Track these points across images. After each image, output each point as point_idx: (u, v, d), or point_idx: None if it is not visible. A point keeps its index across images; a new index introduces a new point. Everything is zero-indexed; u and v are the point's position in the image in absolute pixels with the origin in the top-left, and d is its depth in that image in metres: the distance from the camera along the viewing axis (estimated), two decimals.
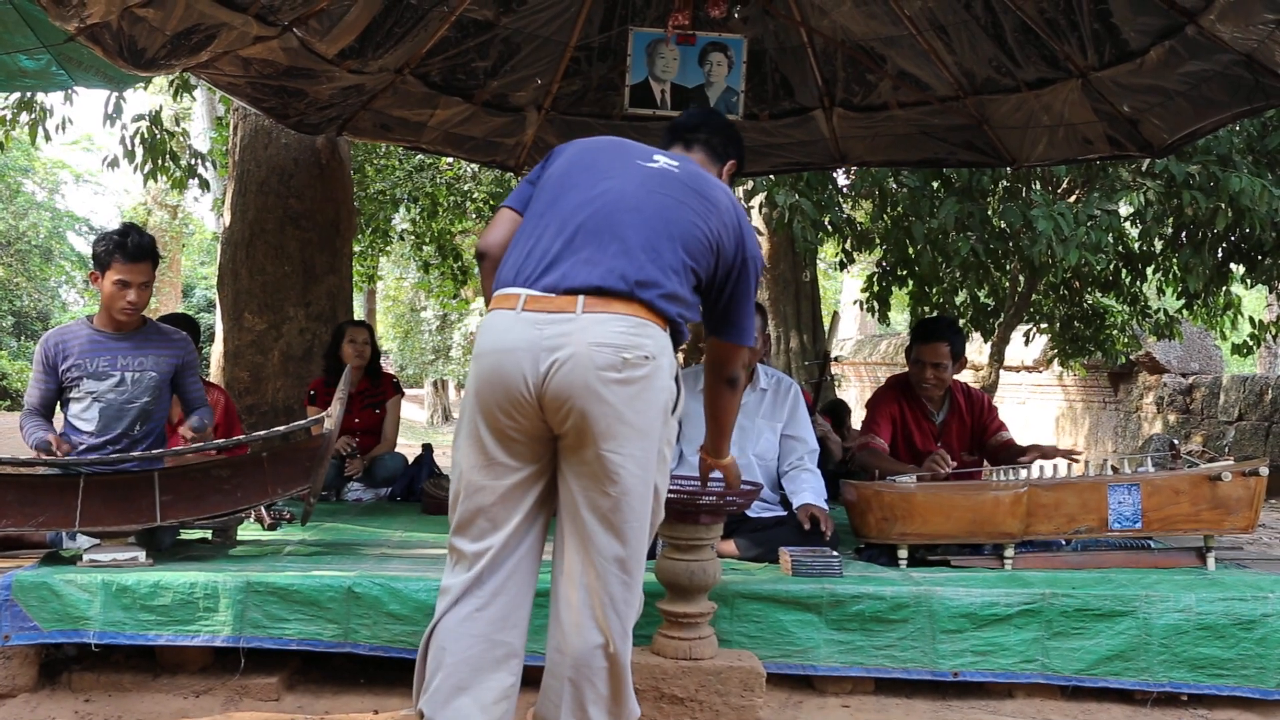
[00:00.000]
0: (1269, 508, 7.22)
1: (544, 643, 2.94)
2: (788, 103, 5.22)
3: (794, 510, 3.67)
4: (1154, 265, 7.57)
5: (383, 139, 5.73)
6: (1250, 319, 8.15)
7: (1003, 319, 7.77)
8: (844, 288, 22.15)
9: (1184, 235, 7.22)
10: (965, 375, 9.75)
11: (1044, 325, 8.26)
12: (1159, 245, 7.45)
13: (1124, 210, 6.89)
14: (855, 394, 15.19)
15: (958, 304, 7.70)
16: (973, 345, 9.95)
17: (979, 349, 9.57)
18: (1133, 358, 10.03)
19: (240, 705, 2.90)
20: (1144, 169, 6.50)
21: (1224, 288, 7.61)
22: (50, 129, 7.65)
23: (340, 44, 4.31)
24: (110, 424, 3.54)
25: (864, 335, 17.50)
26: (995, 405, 4.25)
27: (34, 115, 7.54)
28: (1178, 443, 3.98)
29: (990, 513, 3.38)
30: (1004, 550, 3.44)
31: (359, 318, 8.09)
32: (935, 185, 6.96)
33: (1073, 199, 6.86)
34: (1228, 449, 8.97)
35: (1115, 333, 8.14)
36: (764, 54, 4.98)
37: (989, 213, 6.72)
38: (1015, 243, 6.72)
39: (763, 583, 3.11)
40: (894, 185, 7.21)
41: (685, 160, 2.43)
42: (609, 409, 2.10)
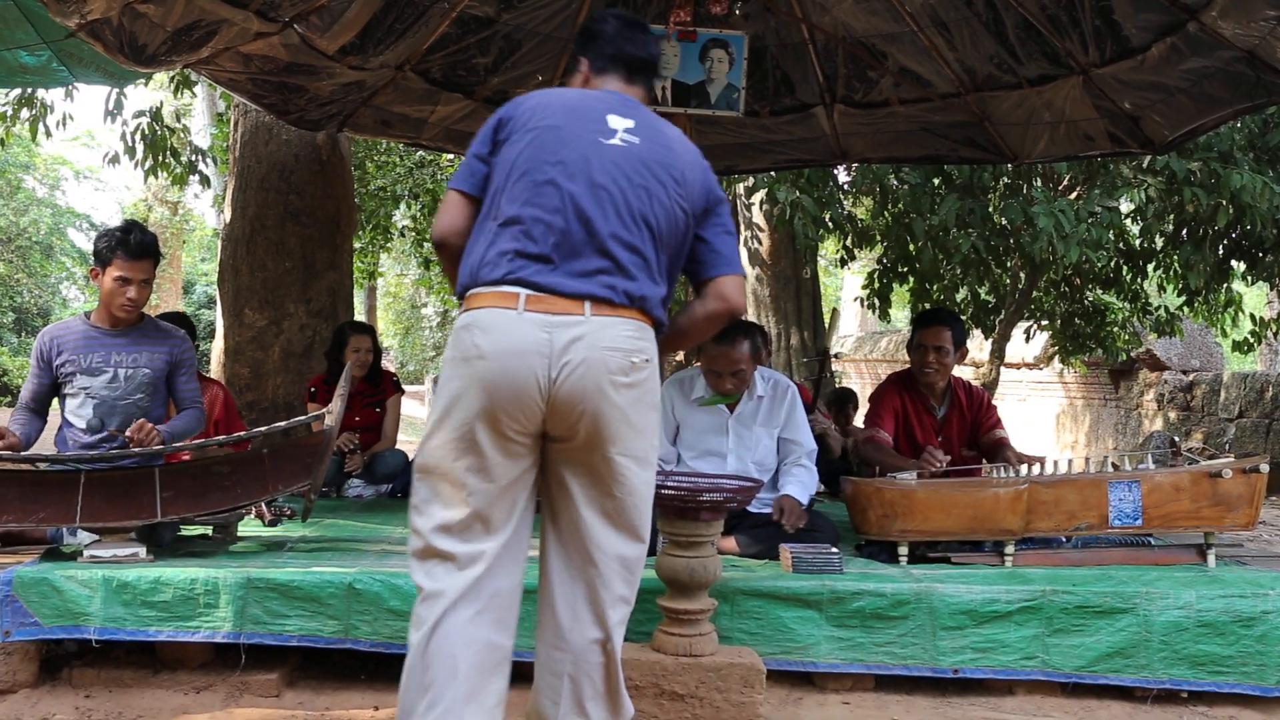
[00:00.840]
0: (1269, 505, 7.22)
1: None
2: (789, 99, 5.22)
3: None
4: (1155, 262, 7.57)
5: (383, 135, 5.73)
6: (1251, 316, 8.15)
7: (1003, 316, 7.77)
8: (845, 284, 22.17)
9: (1185, 232, 7.21)
10: (966, 372, 9.74)
11: (1045, 322, 8.26)
12: (1160, 242, 7.45)
13: (1125, 207, 6.89)
14: (856, 391, 15.19)
15: (958, 301, 7.70)
16: (973, 342, 9.94)
17: (980, 346, 9.57)
18: (1133, 355, 10.04)
19: (241, 701, 2.90)
20: (1145, 166, 6.50)
21: (1225, 285, 7.60)
22: (51, 125, 7.65)
23: (341, 40, 4.31)
24: (105, 421, 3.53)
25: (865, 332, 17.50)
26: (995, 404, 4.26)
27: (34, 111, 7.53)
28: (1178, 440, 3.98)
29: (991, 510, 3.38)
30: (1004, 547, 3.44)
31: (359, 315, 8.09)
32: (936, 182, 6.96)
33: (1074, 196, 6.86)
34: (1228, 446, 8.98)
35: (1116, 330, 8.14)
36: (765, 50, 4.98)
37: (990, 209, 6.72)
38: (1016, 239, 6.72)
39: (763, 579, 3.11)
40: (895, 182, 7.21)
41: (635, 110, 2.31)
42: (618, 412, 2.10)
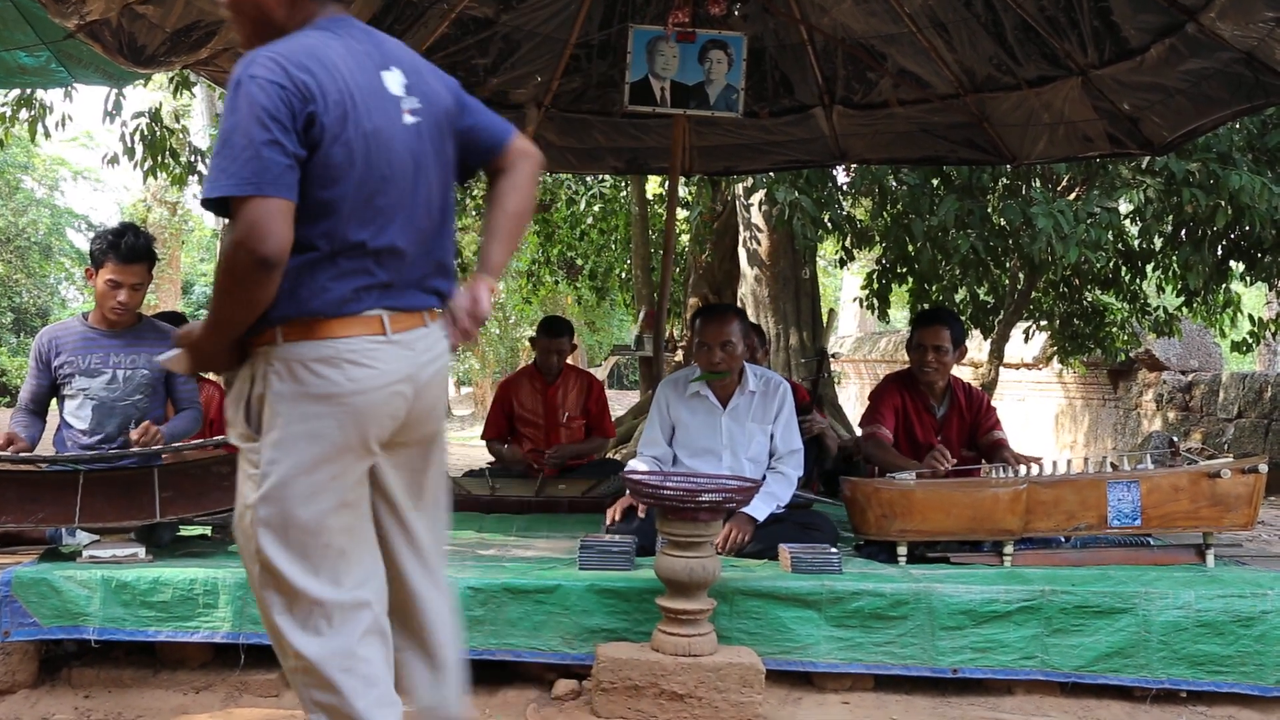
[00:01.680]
0: (1268, 505, 7.22)
1: (542, 639, 2.97)
2: (788, 100, 5.23)
3: (790, 507, 3.68)
4: (1154, 263, 7.57)
5: None
6: (1250, 316, 8.15)
7: (1002, 316, 7.77)
8: (844, 285, 22.17)
9: (1184, 233, 7.21)
10: (965, 372, 9.74)
11: (1044, 322, 8.26)
12: (1159, 243, 7.45)
13: (1124, 208, 6.89)
14: (855, 391, 15.20)
15: (957, 301, 7.70)
16: (972, 342, 9.94)
17: (979, 346, 9.57)
18: (1132, 355, 10.03)
19: (240, 701, 2.90)
20: (1144, 167, 6.50)
21: (1224, 285, 7.61)
22: (50, 126, 7.65)
23: None
24: (103, 421, 3.52)
25: (864, 333, 17.50)
26: (994, 406, 4.26)
27: (33, 112, 7.53)
28: (1177, 440, 3.99)
29: (990, 510, 3.38)
30: (1003, 547, 3.44)
31: None
32: (935, 183, 6.97)
33: (1073, 196, 6.86)
34: (1227, 446, 8.98)
35: (1115, 330, 8.14)
36: (764, 51, 4.98)
37: (989, 210, 6.72)
38: (1015, 240, 6.72)
39: (762, 579, 3.11)
40: (894, 183, 7.21)
41: (388, 52, 1.99)
42: (444, 407, 2.09)
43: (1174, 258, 7.33)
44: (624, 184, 11.28)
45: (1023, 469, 3.58)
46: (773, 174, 6.60)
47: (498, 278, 2.08)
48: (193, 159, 8.19)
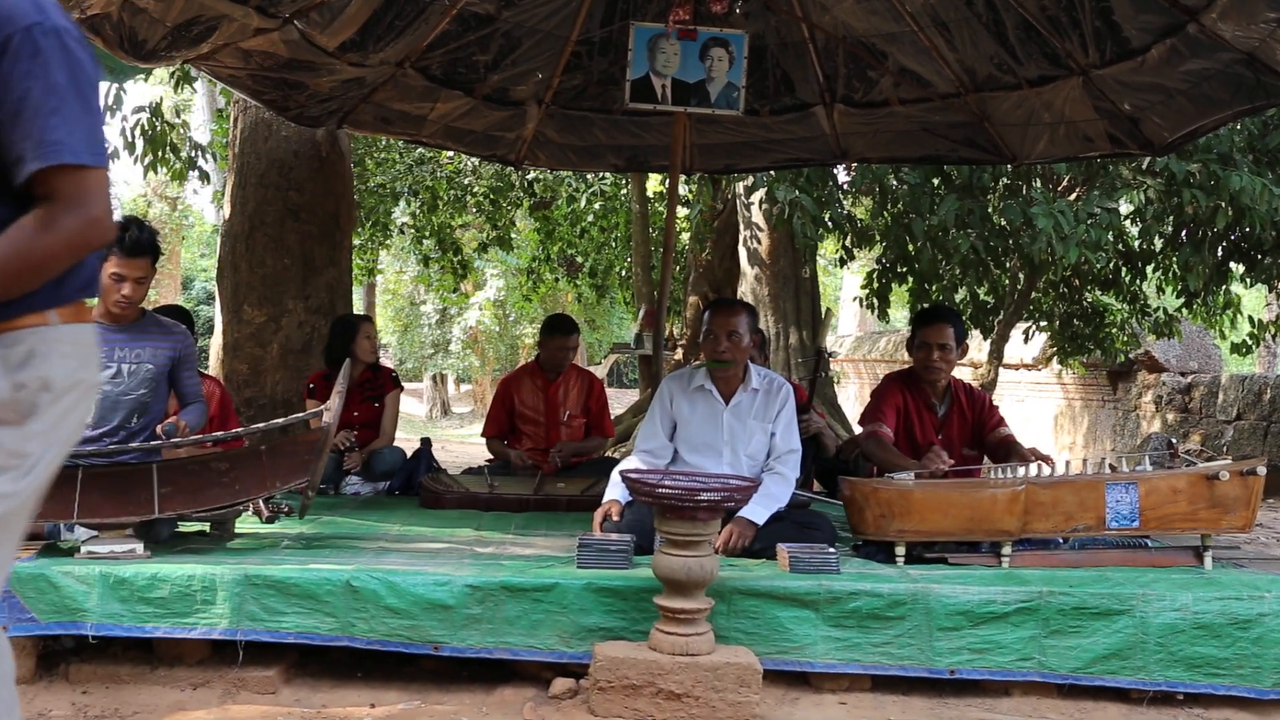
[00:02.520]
0: (1266, 507, 7.22)
1: (540, 637, 2.97)
2: (788, 99, 5.22)
3: (788, 506, 3.68)
4: (1154, 264, 7.57)
5: (383, 132, 5.73)
6: (1250, 318, 8.15)
7: (1002, 316, 7.77)
8: (844, 284, 22.17)
9: (1184, 234, 7.21)
10: (964, 373, 9.74)
11: (1043, 323, 8.26)
12: (1159, 243, 7.45)
13: (1124, 208, 6.89)
14: (855, 391, 15.19)
15: (957, 301, 7.69)
16: (972, 343, 9.94)
17: (978, 346, 9.57)
18: (1132, 356, 10.03)
19: (238, 698, 2.90)
20: (1144, 167, 6.50)
21: (1224, 286, 7.60)
22: None
23: (341, 37, 4.31)
24: (106, 416, 3.53)
25: (863, 332, 17.50)
26: (996, 404, 4.26)
27: None
28: (1176, 441, 3.98)
29: (988, 510, 3.38)
30: (1001, 548, 3.44)
31: (358, 311, 8.08)
32: (936, 182, 6.96)
33: (1073, 197, 6.86)
34: (1226, 448, 8.98)
35: (1115, 331, 8.14)
36: (765, 49, 4.98)
37: (989, 210, 6.72)
38: (1015, 240, 6.72)
39: (760, 579, 3.11)
40: (894, 182, 7.20)
41: None
42: None
43: (1174, 259, 7.32)
44: (624, 182, 11.28)
45: (1034, 468, 3.58)
46: (773, 172, 6.60)
47: None
48: (193, 154, 8.19)
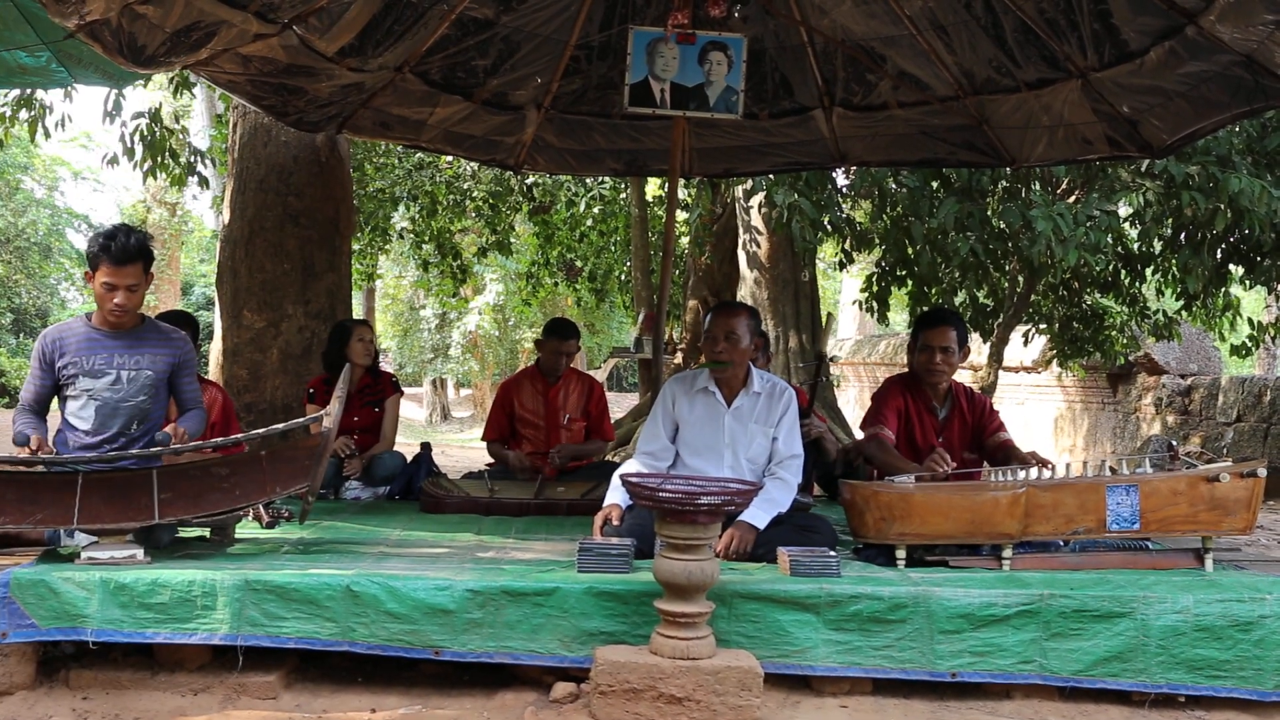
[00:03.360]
0: (1267, 509, 7.22)
1: (540, 641, 2.96)
2: (787, 102, 5.22)
3: (789, 511, 3.68)
4: (1153, 266, 7.57)
5: (382, 137, 5.73)
6: (1249, 320, 8.15)
7: (1002, 319, 7.77)
8: (843, 288, 22.16)
9: (1183, 236, 7.21)
10: (964, 376, 9.74)
11: (1043, 326, 8.26)
12: (1158, 246, 7.45)
13: (1123, 211, 6.89)
14: (854, 394, 15.19)
15: (957, 304, 7.69)
16: (972, 346, 9.95)
17: (978, 349, 9.57)
18: (1131, 359, 10.03)
19: (238, 703, 2.90)
20: (1143, 170, 6.50)
21: (1223, 289, 7.61)
22: (49, 126, 7.66)
23: (340, 42, 4.31)
24: (106, 422, 3.53)
25: (863, 335, 17.50)
26: (996, 409, 4.26)
27: (33, 112, 7.54)
28: (1176, 444, 3.98)
29: (989, 513, 3.38)
30: (1002, 551, 3.44)
31: (358, 316, 8.09)
32: (935, 185, 6.96)
33: (1072, 199, 6.86)
34: (1226, 450, 8.98)
35: (1114, 333, 8.14)
36: (764, 53, 4.98)
37: (988, 213, 6.72)
38: (1014, 243, 6.72)
39: (761, 582, 3.11)
40: (893, 185, 7.21)
41: None
42: None
43: (1173, 261, 7.33)
44: (623, 186, 11.29)
45: (1034, 471, 3.58)
46: (772, 176, 6.60)
47: None
48: (192, 160, 8.21)
